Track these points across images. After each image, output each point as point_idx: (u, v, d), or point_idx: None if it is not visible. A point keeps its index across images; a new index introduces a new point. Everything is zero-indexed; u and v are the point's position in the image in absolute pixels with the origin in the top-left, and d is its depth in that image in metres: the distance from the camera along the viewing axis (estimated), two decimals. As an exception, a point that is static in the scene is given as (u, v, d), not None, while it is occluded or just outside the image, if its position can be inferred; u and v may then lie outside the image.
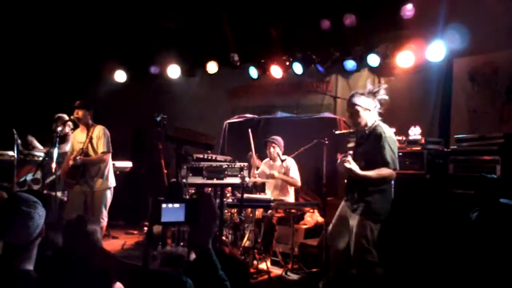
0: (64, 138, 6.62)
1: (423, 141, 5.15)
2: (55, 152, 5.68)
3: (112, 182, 5.92)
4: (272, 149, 6.34)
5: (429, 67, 6.38)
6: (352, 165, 3.99)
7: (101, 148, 5.75)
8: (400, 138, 5.31)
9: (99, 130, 5.82)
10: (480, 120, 6.01)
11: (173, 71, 8.26)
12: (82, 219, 3.03)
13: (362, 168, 4.04)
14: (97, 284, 2.04)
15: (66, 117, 6.53)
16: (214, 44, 8.17)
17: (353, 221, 4.13)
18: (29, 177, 6.87)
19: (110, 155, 5.90)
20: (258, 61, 7.74)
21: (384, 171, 4.01)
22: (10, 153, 6.62)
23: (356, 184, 4.16)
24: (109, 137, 5.86)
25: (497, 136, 4.76)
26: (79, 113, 5.79)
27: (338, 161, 4.11)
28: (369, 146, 4.16)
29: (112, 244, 6.89)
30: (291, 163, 6.26)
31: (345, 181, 4.38)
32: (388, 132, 4.13)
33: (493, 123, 5.85)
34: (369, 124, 4.21)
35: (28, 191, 2.34)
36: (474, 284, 3.67)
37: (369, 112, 4.20)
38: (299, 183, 6.28)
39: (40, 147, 7.09)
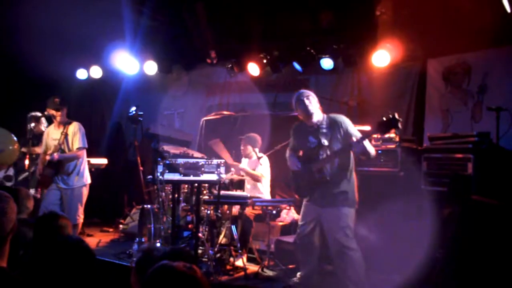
0: (39, 139, 6.49)
1: (397, 139, 5.23)
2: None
3: (87, 179, 5.87)
4: (242, 147, 6.36)
5: (404, 67, 6.49)
6: (366, 142, 4.10)
7: (76, 144, 5.70)
8: (375, 136, 5.39)
9: (74, 126, 5.77)
10: (452, 119, 6.15)
11: (150, 67, 8.18)
12: (55, 214, 3.00)
13: (336, 155, 4.23)
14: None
15: (39, 114, 6.42)
16: (191, 41, 8.12)
17: (329, 215, 4.23)
18: (1, 174, 6.75)
19: (85, 152, 5.84)
20: (236, 58, 7.73)
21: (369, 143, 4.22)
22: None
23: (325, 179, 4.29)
24: (84, 133, 5.80)
25: (470, 134, 4.87)
26: (51, 111, 5.74)
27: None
28: (334, 133, 4.29)
29: (87, 242, 6.79)
30: (264, 161, 6.25)
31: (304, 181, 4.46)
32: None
33: (465, 122, 5.99)
34: (320, 118, 4.39)
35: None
36: (448, 277, 3.75)
37: (320, 107, 4.42)
38: (260, 177, 6.22)
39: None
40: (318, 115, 4.39)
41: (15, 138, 5.88)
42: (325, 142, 4.29)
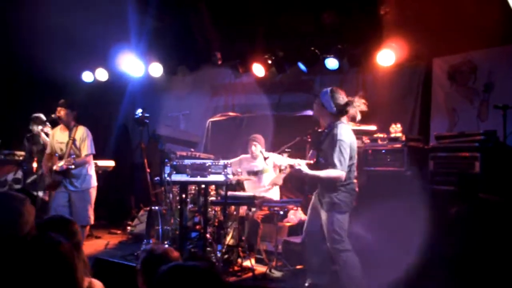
0: (34, 139, 6.53)
1: (403, 138, 5.23)
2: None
3: (95, 181, 5.90)
4: (254, 148, 6.33)
5: (409, 66, 6.49)
6: (302, 166, 4.15)
7: (85, 151, 5.71)
8: (381, 135, 5.41)
9: (82, 132, 5.77)
10: (458, 118, 6.15)
11: (155, 69, 8.21)
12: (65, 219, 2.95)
13: (322, 166, 4.22)
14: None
15: (43, 117, 6.42)
16: (196, 42, 8.13)
17: (323, 216, 4.27)
18: (9, 177, 6.80)
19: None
20: (240, 59, 7.74)
21: (332, 173, 4.12)
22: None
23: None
24: (92, 139, 5.83)
25: (477, 133, 4.86)
26: (61, 112, 5.74)
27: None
28: (326, 146, 4.28)
29: (95, 244, 6.85)
30: (276, 157, 6.22)
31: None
32: (344, 135, 4.18)
33: (471, 120, 5.99)
34: (325, 124, 4.38)
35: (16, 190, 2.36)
36: (456, 276, 3.76)
37: (329, 113, 4.30)
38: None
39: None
40: (324, 121, 4.40)
41: None
42: (320, 147, 4.35)
